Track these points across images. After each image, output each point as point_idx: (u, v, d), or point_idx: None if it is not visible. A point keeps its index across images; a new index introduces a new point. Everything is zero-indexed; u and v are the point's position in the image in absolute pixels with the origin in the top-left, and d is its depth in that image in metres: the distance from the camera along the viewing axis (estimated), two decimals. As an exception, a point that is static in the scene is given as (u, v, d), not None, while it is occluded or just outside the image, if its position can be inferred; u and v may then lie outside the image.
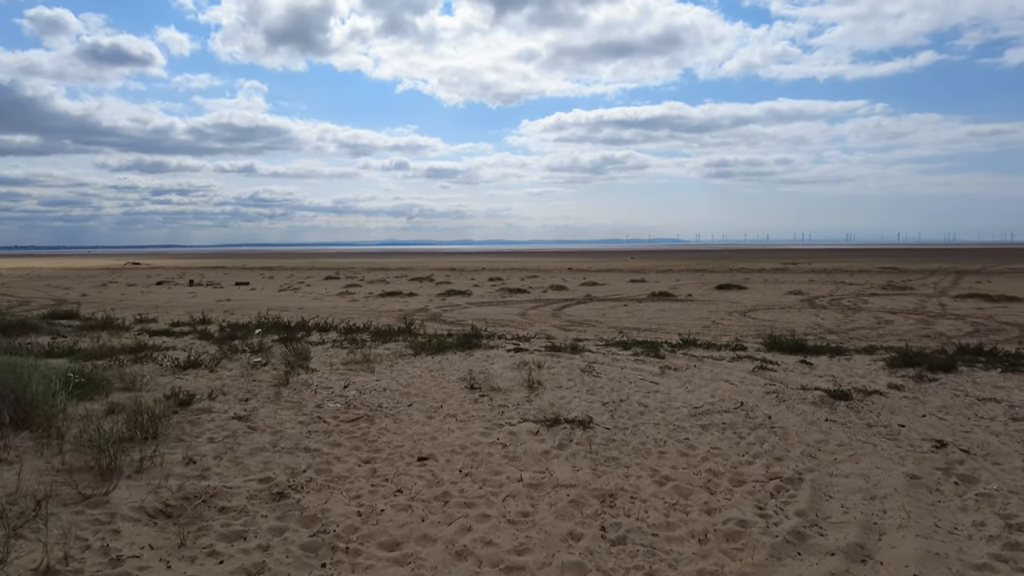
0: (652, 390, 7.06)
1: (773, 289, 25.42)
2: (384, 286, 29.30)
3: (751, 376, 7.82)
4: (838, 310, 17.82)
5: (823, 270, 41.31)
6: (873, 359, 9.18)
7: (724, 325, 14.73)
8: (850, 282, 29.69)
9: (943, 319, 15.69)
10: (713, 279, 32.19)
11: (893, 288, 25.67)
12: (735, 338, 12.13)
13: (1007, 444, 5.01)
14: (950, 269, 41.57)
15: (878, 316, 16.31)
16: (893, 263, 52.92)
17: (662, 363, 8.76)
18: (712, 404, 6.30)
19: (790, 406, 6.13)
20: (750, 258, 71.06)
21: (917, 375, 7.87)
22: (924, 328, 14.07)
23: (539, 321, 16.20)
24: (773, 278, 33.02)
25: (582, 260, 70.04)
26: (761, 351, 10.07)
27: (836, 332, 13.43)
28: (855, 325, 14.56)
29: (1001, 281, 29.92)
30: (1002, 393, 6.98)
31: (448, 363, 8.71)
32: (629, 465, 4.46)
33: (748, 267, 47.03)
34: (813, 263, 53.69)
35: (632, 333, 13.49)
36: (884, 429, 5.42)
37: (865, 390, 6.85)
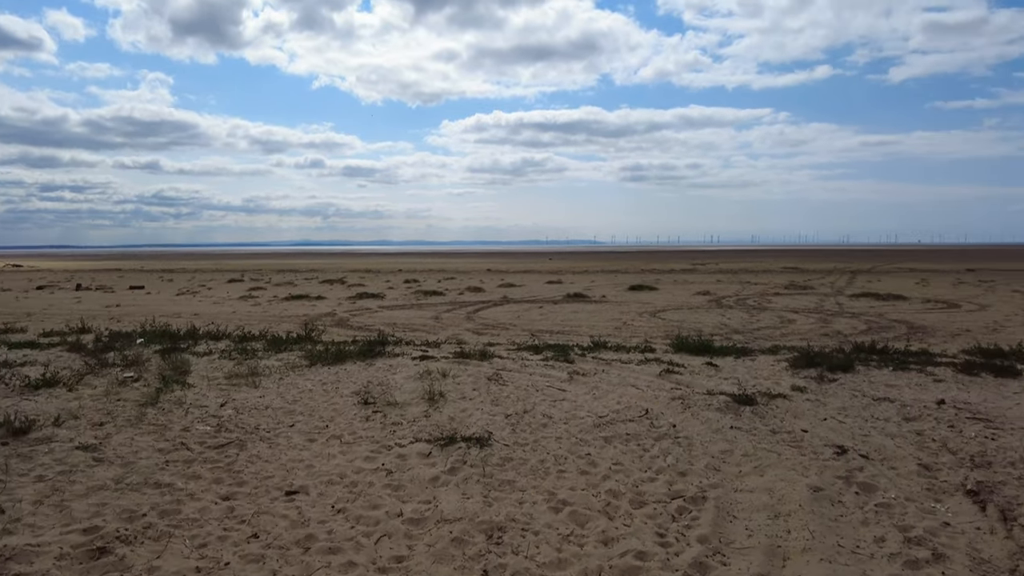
0: (559, 398, 6.75)
1: (683, 290, 26.02)
2: (291, 289, 27.95)
3: (658, 380, 7.66)
4: (744, 310, 18.32)
5: (730, 271, 42.97)
6: (777, 359, 9.28)
7: (635, 326, 14.77)
8: (755, 282, 30.90)
9: (840, 317, 16.39)
10: (626, 280, 32.72)
11: (795, 288, 26.86)
12: (644, 339, 12.10)
13: (902, 447, 4.99)
14: (845, 269, 44.24)
15: (781, 315, 16.85)
16: (795, 263, 55.86)
17: (571, 368, 8.50)
18: (617, 412, 6.05)
19: (695, 413, 5.96)
20: (662, 259, 73.28)
21: (818, 376, 7.95)
22: (823, 327, 14.60)
23: (452, 325, 15.73)
24: (683, 279, 33.94)
25: (502, 261, 69.97)
26: (669, 353, 10.01)
27: (742, 332, 13.70)
28: (760, 325, 14.94)
29: (889, 280, 32.02)
30: (895, 392, 7.12)
31: (346, 374, 8.10)
32: (525, 488, 4.09)
33: (660, 268, 48.32)
34: (721, 264, 55.87)
35: (545, 336, 13.25)
36: (788, 436, 5.31)
37: (769, 393, 6.80)
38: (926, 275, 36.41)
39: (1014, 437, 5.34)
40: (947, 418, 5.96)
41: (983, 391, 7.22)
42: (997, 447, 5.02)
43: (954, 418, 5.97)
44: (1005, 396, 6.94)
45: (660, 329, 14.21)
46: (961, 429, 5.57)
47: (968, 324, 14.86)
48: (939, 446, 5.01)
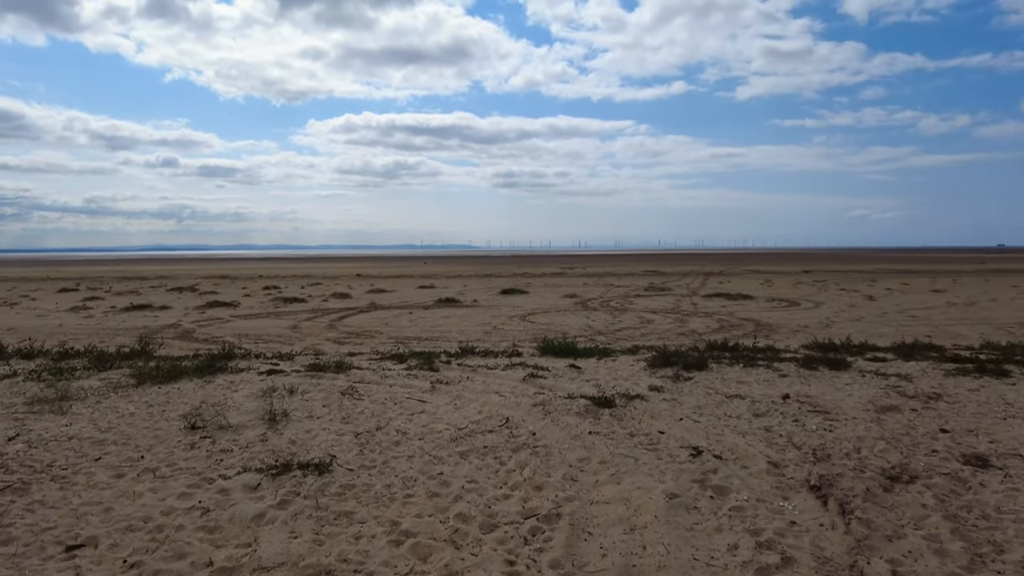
0: (417, 411, 6.33)
1: (552, 293, 26.47)
2: (134, 298, 25.29)
3: (522, 385, 7.46)
4: (607, 311, 18.85)
5: (596, 274, 44.55)
6: (636, 359, 9.43)
7: (505, 330, 14.65)
8: (618, 284, 32.16)
9: (695, 317, 17.28)
10: (499, 284, 32.84)
11: (654, 289, 28.22)
12: (513, 343, 11.96)
13: (753, 444, 5.07)
14: (699, 271, 47.36)
15: (641, 316, 17.49)
16: (654, 266, 59.06)
17: (435, 377, 8.10)
18: (478, 423, 5.73)
19: (556, 419, 5.77)
20: (534, 263, 74.83)
21: (675, 375, 8.11)
22: (680, 326, 15.28)
23: (312, 334, 14.79)
24: (553, 282, 34.64)
25: (373, 266, 68.10)
26: (535, 356, 9.91)
27: (605, 333, 13.99)
28: (621, 326, 15.37)
29: (738, 281, 34.58)
30: (745, 388, 7.39)
31: (178, 395, 7.17)
32: (365, 520, 3.63)
33: (531, 272, 49.18)
34: (588, 268, 57.90)
35: (412, 343, 12.76)
36: (645, 438, 5.24)
37: (628, 394, 6.79)
38: (770, 276, 39.75)
39: (847, 427, 5.63)
40: (792, 412, 6.21)
41: (821, 384, 7.68)
42: (834, 438, 5.25)
43: (797, 412, 6.23)
44: (839, 388, 7.40)
45: (529, 332, 14.18)
46: (804, 423, 5.80)
47: (806, 320, 16.18)
48: (786, 441, 5.15)
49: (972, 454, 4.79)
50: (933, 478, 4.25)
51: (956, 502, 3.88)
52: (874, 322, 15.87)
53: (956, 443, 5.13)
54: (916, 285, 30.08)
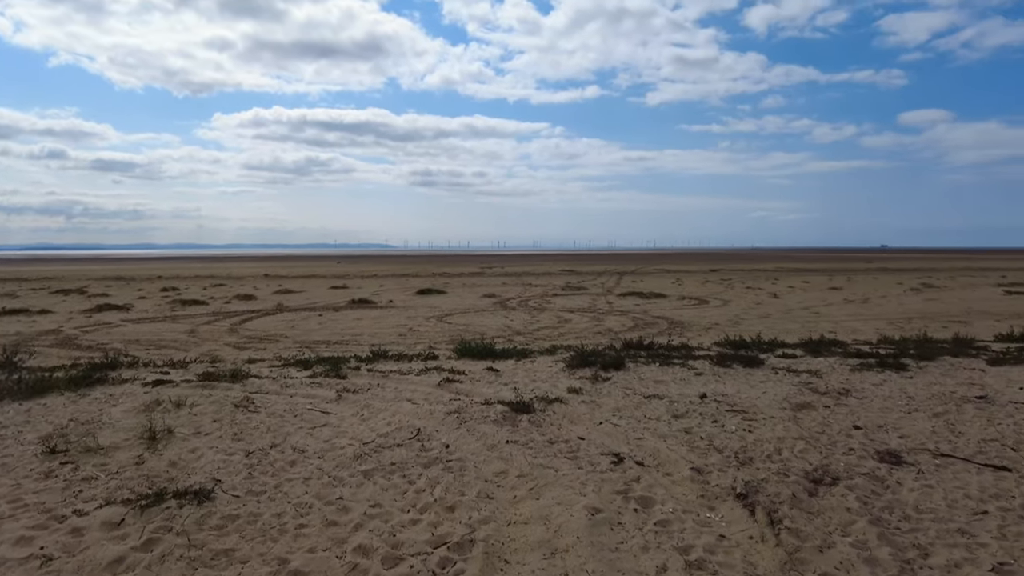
0: (320, 423, 5.80)
1: (470, 293, 26.09)
2: (8, 302, 22.88)
3: (436, 391, 7.05)
4: (526, 311, 18.67)
5: (515, 273, 44.54)
6: (554, 360, 9.20)
7: (421, 332, 14.14)
8: (536, 284, 32.18)
9: (611, 315, 17.38)
10: (416, 284, 32.13)
11: (571, 288, 28.38)
12: (429, 346, 11.50)
13: (674, 448, 4.88)
14: (614, 271, 48.29)
15: (559, 315, 17.41)
16: (571, 266, 59.82)
17: (342, 385, 7.55)
18: (386, 436, 5.28)
19: (471, 428, 5.40)
20: (452, 263, 74.17)
21: (593, 375, 7.93)
22: (597, 325, 15.28)
23: (211, 339, 13.74)
24: (471, 282, 34.26)
25: (283, 265, 65.32)
26: (452, 359, 9.51)
27: (523, 333, 13.76)
28: (540, 325, 15.19)
29: (651, 280, 35.42)
30: (663, 388, 7.28)
31: (43, 412, 6.30)
32: (248, 558, 3.13)
33: (450, 271, 48.60)
34: (507, 267, 57.92)
35: (320, 348, 12.05)
36: (565, 445, 4.96)
37: (547, 398, 6.52)
38: (680, 275, 41.00)
39: (766, 427, 5.57)
40: (710, 412, 6.12)
41: (736, 382, 7.69)
42: (755, 439, 5.15)
43: (716, 412, 6.15)
44: (753, 386, 7.43)
45: (446, 334, 13.74)
46: (723, 423, 5.71)
47: (716, 318, 16.59)
48: (707, 444, 5.00)
49: (886, 451, 4.80)
50: (854, 478, 4.18)
51: (878, 503, 3.81)
52: (780, 319, 16.46)
53: (870, 439, 5.14)
54: (815, 283, 31.76)
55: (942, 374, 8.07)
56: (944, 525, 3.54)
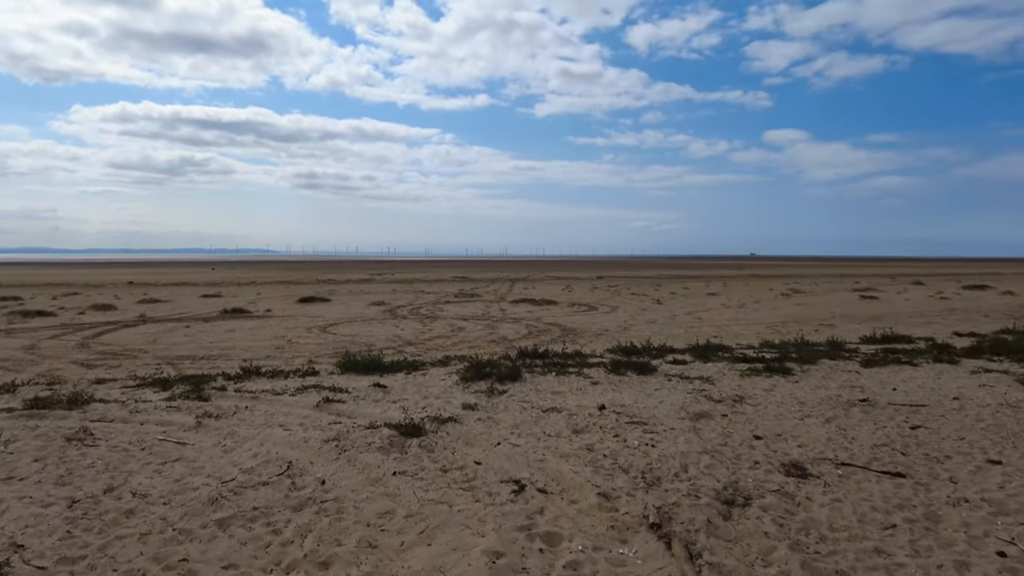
0: (172, 458, 4.92)
1: (358, 301, 24.93)
2: None
3: (315, 414, 6.31)
4: (417, 319, 17.96)
5: (405, 280, 43.45)
6: (448, 372, 8.67)
7: (300, 344, 13.09)
8: (428, 291, 31.41)
9: (504, 323, 17.05)
10: (299, 291, 30.37)
11: (464, 296, 27.88)
12: (309, 360, 10.58)
13: (578, 471, 4.51)
14: (506, 278, 48.35)
15: (452, 323, 16.86)
16: (463, 273, 59.38)
17: (204, 408, 6.62)
18: (251, 472, 4.52)
19: (352, 458, 4.76)
20: (339, 269, 71.50)
21: (489, 388, 7.48)
22: (491, 333, 14.87)
23: (54, 356, 11.97)
24: (359, 289, 32.92)
25: (151, 272, 59.98)
26: (334, 374, 8.73)
27: (415, 343, 13.08)
28: (432, 334, 14.57)
29: (542, 287, 35.64)
30: (560, 400, 6.95)
31: None
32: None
33: (336, 278, 46.65)
34: (397, 274, 56.56)
35: (184, 364, 10.78)
36: (460, 473, 4.45)
37: (439, 417, 5.97)
38: (569, 282, 41.70)
39: (669, 441, 5.35)
40: (610, 425, 5.83)
41: (632, 390, 7.51)
42: (660, 455, 4.89)
43: (616, 424, 5.87)
44: (649, 394, 7.27)
45: (329, 346, 12.80)
46: (625, 437, 5.42)
47: (606, 324, 16.70)
48: (611, 463, 4.66)
49: (790, 462, 4.68)
50: (765, 496, 3.97)
51: (793, 524, 3.60)
52: (666, 324, 16.83)
53: (772, 450, 5.03)
54: (694, 289, 33.25)
55: (824, 377, 8.32)
56: (860, 544, 3.36)
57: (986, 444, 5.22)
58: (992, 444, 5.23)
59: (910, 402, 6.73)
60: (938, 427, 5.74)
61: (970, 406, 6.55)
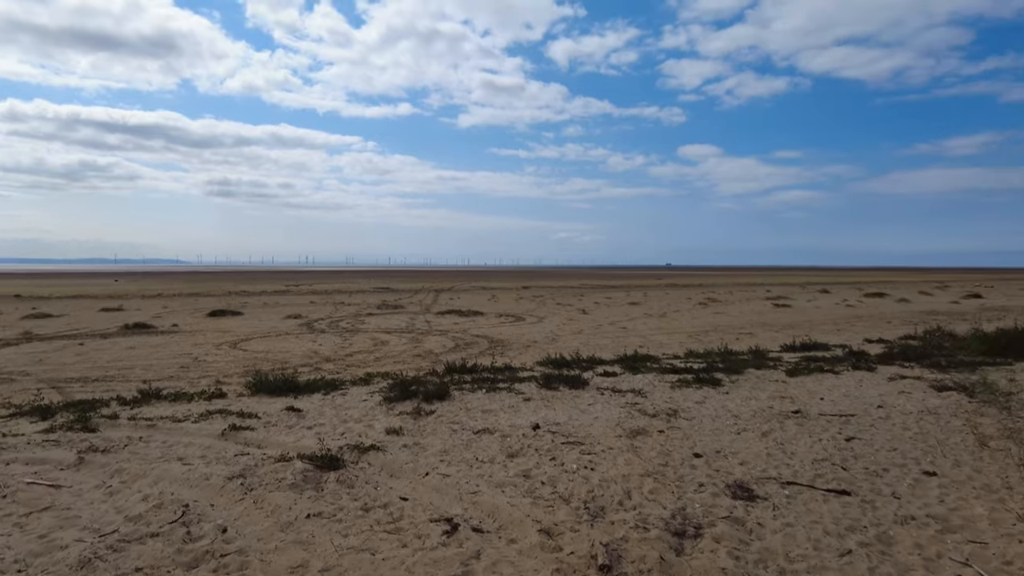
0: (40, 506, 4.20)
1: (273, 314, 23.66)
2: None
3: (218, 444, 5.65)
4: (337, 333, 17.11)
5: (324, 292, 41.91)
6: (370, 391, 8.12)
7: (208, 363, 12.10)
8: (349, 303, 30.31)
9: (430, 336, 16.49)
10: (209, 304, 28.62)
11: (387, 307, 27.03)
12: (217, 381, 9.73)
13: (516, 503, 4.13)
14: (430, 288, 47.54)
15: (375, 337, 16.15)
16: (386, 283, 58.08)
17: (90, 441, 5.83)
18: (138, 520, 3.88)
19: (260, 498, 4.19)
20: (254, 280, 68.43)
21: (415, 409, 7.00)
22: (416, 347, 14.29)
23: (-88, 382, 10.51)
24: (274, 301, 31.39)
25: (43, 284, 55.21)
26: (244, 396, 8.00)
27: (334, 360, 12.35)
28: (353, 349, 13.84)
29: (468, 297, 35.15)
30: (492, 419, 6.57)
31: None
32: None
33: (250, 290, 44.48)
34: (315, 285, 54.61)
35: (74, 388, 9.68)
36: (384, 513, 3.98)
37: (361, 445, 5.45)
38: (495, 292, 41.44)
39: (608, 462, 5.06)
40: (546, 447, 5.49)
41: (565, 406, 7.22)
42: (600, 480, 4.58)
43: (552, 446, 5.54)
44: (583, 410, 7.00)
45: (240, 364, 11.89)
46: (563, 460, 5.09)
47: (534, 335, 16.46)
48: (551, 492, 4.31)
49: (735, 483, 4.48)
50: (716, 524, 3.72)
51: (750, 556, 3.35)
52: (593, 334, 16.77)
53: (714, 470, 4.82)
54: (616, 299, 33.70)
55: (753, 388, 8.31)
56: (819, 576, 3.15)
57: (918, 454, 5.23)
58: (923, 454, 5.23)
59: (839, 412, 6.76)
60: (871, 438, 5.73)
61: (895, 414, 6.64)
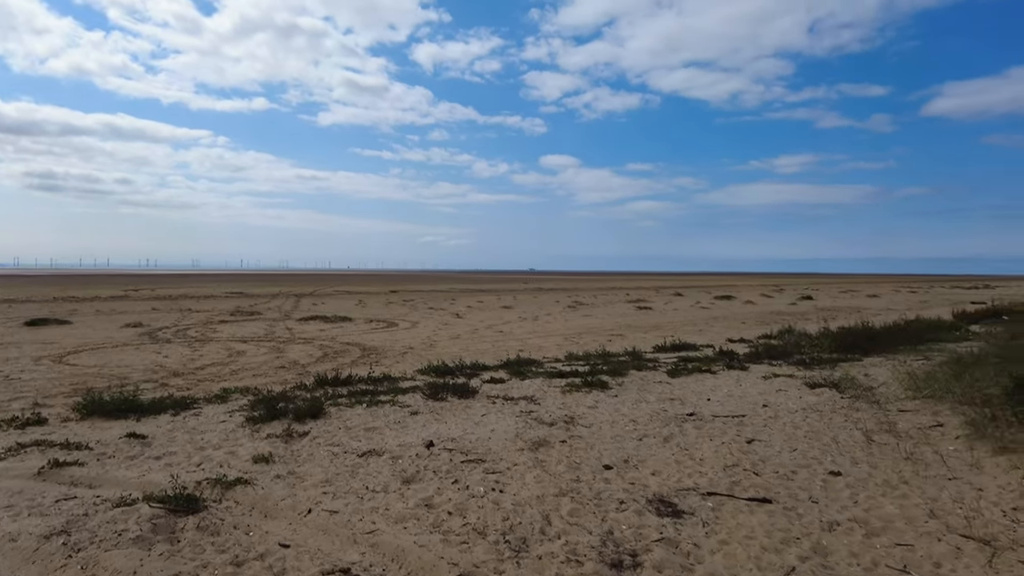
0: None
1: (107, 322, 20.84)
2: None
3: (34, 486, 4.50)
4: (185, 343, 15.26)
5: (168, 297, 38.03)
6: (229, 411, 7.08)
7: (22, 381, 10.17)
8: (198, 309, 27.59)
9: (293, 344, 15.17)
10: (25, 312, 24.77)
11: (241, 314, 24.85)
12: (35, 402, 8.11)
13: (423, 540, 3.53)
14: (289, 292, 44.69)
15: (229, 347, 14.57)
16: (239, 288, 53.97)
17: None
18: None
19: (91, 561, 3.25)
20: (85, 284, 60.88)
21: (286, 430, 6.13)
22: (278, 357, 13.02)
23: None
24: (110, 307, 27.85)
25: None
26: (71, 421, 6.67)
27: (183, 374, 10.87)
28: (205, 361, 12.32)
29: (333, 302, 33.30)
30: (378, 438, 5.89)
31: None
32: None
33: (80, 296, 39.36)
34: (158, 289, 49.56)
35: None
36: (261, 566, 3.23)
37: (223, 479, 4.57)
38: (362, 297, 39.78)
39: (516, 482, 4.60)
40: (445, 468, 4.92)
41: (457, 418, 6.69)
42: (514, 504, 4.10)
43: (451, 466, 4.98)
44: (477, 422, 6.51)
45: (66, 382, 10.11)
46: (467, 482, 4.56)
47: (409, 341, 15.69)
48: (462, 524, 3.76)
49: (655, 498, 4.18)
50: (652, 550, 3.37)
51: (695, 587, 3.01)
52: (471, 339, 16.33)
53: (629, 483, 4.51)
54: (488, 303, 33.59)
55: (640, 390, 8.26)
56: (771, 603, 2.87)
57: (817, 454, 5.27)
58: (822, 453, 5.28)
59: (730, 413, 6.80)
60: (768, 439, 5.74)
61: (782, 413, 6.78)
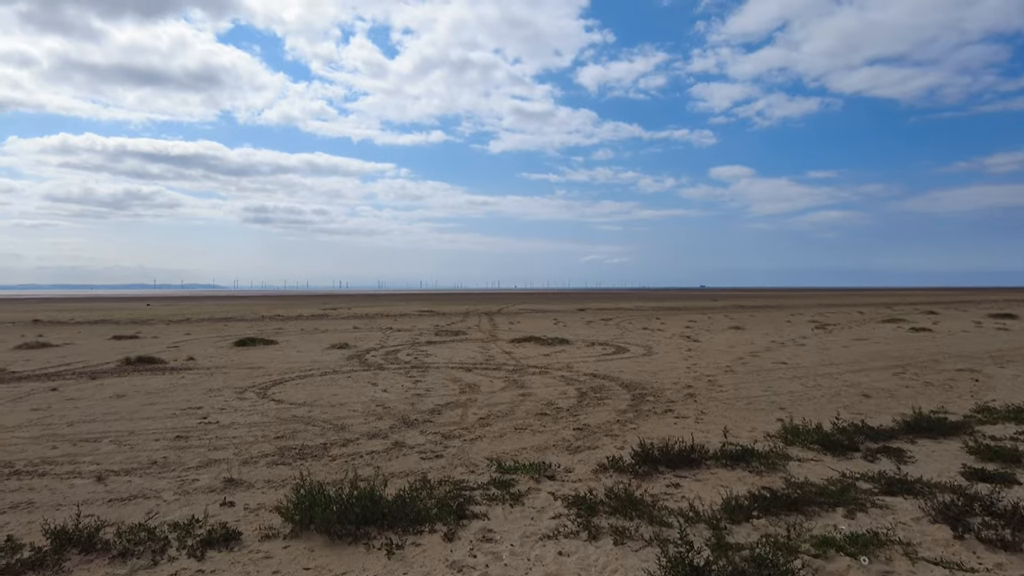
0: None
1: (312, 342, 19.32)
2: None
3: None
4: (401, 370, 12.56)
5: (365, 315, 37.75)
6: (534, 521, 3.64)
7: (221, 427, 7.74)
8: (397, 327, 25.96)
9: (527, 375, 11.81)
10: (237, 331, 24.58)
11: (445, 333, 22.53)
12: (226, 475, 5.36)
13: None
14: (477, 311, 42.93)
15: (455, 376, 11.58)
16: (428, 306, 53.83)
17: None
18: None
19: None
20: (289, 304, 64.82)
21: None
22: (522, 395, 9.58)
23: None
24: (312, 326, 27.18)
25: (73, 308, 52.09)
26: (274, 536, 3.58)
27: (416, 423, 7.75)
28: (436, 400, 9.25)
29: (527, 321, 30.19)
30: None
31: None
32: None
33: (284, 314, 40.63)
34: (353, 308, 50.64)
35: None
36: None
37: None
38: (553, 315, 36.75)
39: None
40: None
41: None
42: None
43: None
44: None
45: (271, 429, 7.57)
46: None
47: (672, 375, 11.74)
48: None
49: None
50: None
51: None
52: (754, 372, 12.05)
53: None
54: (701, 323, 28.82)
55: None
56: None
57: None
58: None
59: None
60: None
61: None
